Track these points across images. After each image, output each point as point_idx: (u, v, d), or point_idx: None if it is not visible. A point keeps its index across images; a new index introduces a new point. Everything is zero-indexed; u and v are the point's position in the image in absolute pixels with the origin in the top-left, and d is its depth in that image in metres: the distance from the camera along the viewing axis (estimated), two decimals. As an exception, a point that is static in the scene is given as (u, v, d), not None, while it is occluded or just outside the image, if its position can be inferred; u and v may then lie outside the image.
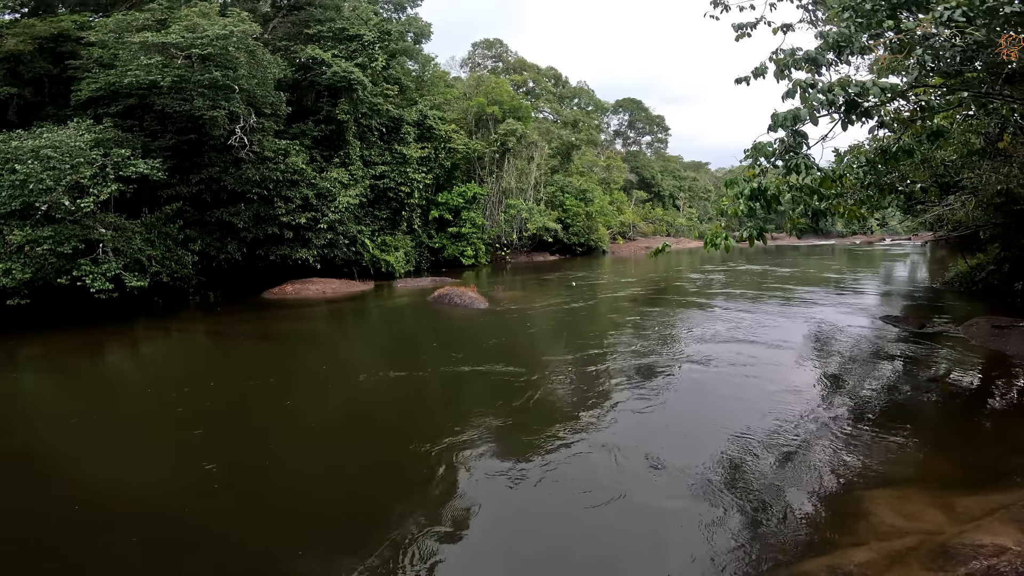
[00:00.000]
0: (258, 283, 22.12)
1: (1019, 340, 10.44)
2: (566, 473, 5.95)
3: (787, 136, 5.67)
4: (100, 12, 21.92)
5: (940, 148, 11.98)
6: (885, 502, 4.95)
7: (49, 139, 14.89)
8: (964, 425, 7.18)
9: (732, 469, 5.92)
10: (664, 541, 4.84)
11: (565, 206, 45.47)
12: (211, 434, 7.50)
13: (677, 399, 8.42)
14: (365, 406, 8.85)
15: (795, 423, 7.09)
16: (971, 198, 14.45)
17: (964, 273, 18.99)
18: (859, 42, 5.71)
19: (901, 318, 13.82)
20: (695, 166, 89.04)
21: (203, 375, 10.99)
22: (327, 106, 24.40)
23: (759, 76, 6.21)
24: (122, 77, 17.38)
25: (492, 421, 7.44)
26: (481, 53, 57.32)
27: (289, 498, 5.70)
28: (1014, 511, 4.49)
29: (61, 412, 8.78)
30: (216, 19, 18.45)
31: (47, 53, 19.32)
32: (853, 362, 10.40)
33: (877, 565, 4.06)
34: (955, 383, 8.95)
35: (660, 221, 69.25)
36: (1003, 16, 5.32)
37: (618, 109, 78.53)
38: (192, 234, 19.76)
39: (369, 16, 26.77)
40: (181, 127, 19.31)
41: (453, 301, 17.82)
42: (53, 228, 14.51)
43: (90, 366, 12.06)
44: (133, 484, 5.96)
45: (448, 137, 31.27)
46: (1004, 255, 16.34)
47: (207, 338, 15.35)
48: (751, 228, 5.99)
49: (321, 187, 22.92)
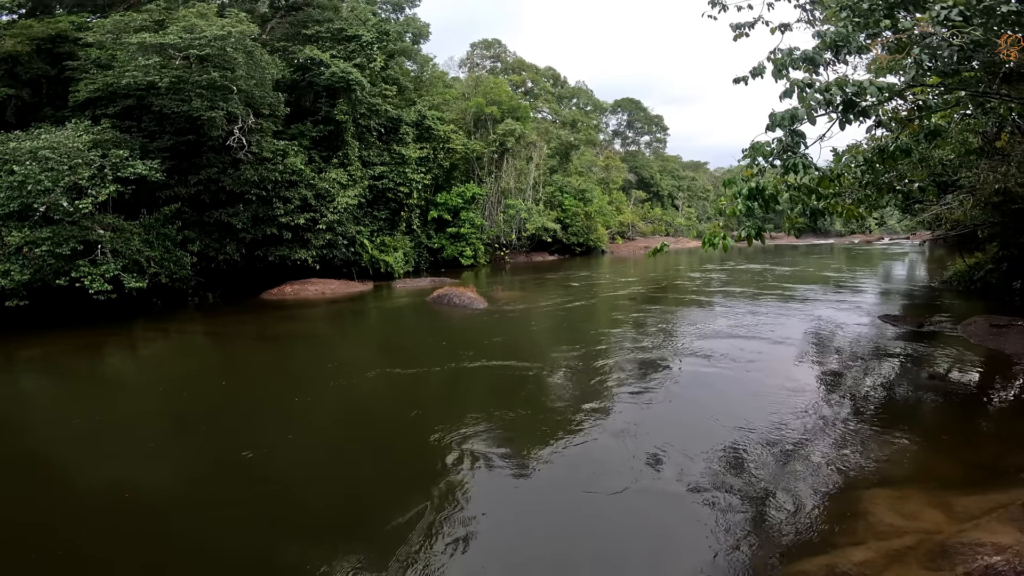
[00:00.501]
0: (257, 284, 22.10)
1: (1017, 339, 10.45)
2: (568, 469, 6.02)
3: (785, 136, 5.68)
4: (98, 13, 21.88)
5: (938, 147, 12.00)
6: (884, 501, 4.96)
7: (47, 140, 14.86)
8: (962, 424, 7.19)
9: (731, 467, 5.93)
10: (664, 538, 4.85)
11: (564, 206, 45.47)
12: (212, 434, 7.50)
13: (677, 397, 8.42)
14: (365, 405, 8.85)
15: (794, 421, 7.10)
16: (969, 197, 14.45)
17: (962, 272, 19.01)
18: (857, 42, 5.72)
19: (900, 317, 13.84)
20: (694, 166, 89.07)
21: (203, 376, 10.99)
22: (325, 107, 24.38)
23: (757, 76, 6.22)
24: (120, 78, 17.34)
25: (493, 419, 7.44)
26: (479, 53, 57.32)
27: (292, 496, 5.70)
28: (1012, 510, 4.49)
29: (62, 413, 8.76)
30: (214, 20, 18.44)
31: (45, 54, 19.28)
32: (852, 360, 10.40)
33: (876, 564, 4.07)
34: (953, 382, 8.95)
35: (659, 221, 69.27)
36: (1000, 15, 5.32)
37: (617, 109, 78.56)
38: (191, 235, 19.74)
39: (367, 16, 26.75)
40: (179, 128, 19.29)
41: (452, 301, 17.82)
42: (51, 229, 14.49)
43: (90, 367, 12.03)
44: (135, 484, 5.95)
45: (447, 137, 31.27)
46: (1002, 254, 16.35)
47: (206, 339, 15.34)
48: (749, 228, 5.99)
49: (320, 188, 22.90)
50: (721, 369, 9.85)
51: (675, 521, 5.11)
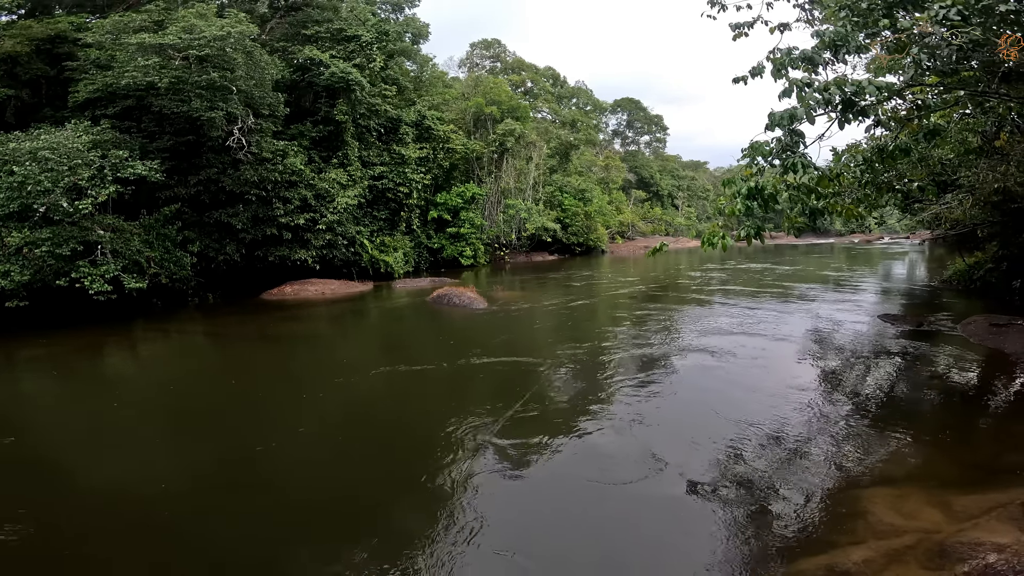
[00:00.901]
0: (257, 284, 22.09)
1: (1017, 338, 10.45)
2: (570, 464, 6.08)
3: (784, 135, 5.69)
4: (97, 13, 21.89)
5: (937, 147, 12.02)
6: (883, 500, 4.96)
7: (47, 141, 14.85)
8: (962, 423, 7.19)
9: (731, 465, 5.94)
10: (664, 537, 4.85)
11: (564, 206, 45.47)
12: (214, 434, 7.51)
13: (679, 395, 8.44)
14: (367, 404, 8.85)
15: (794, 419, 7.11)
16: (968, 196, 14.45)
17: (962, 271, 19.02)
18: (856, 41, 5.73)
19: (899, 316, 13.85)
20: (694, 165, 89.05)
21: (204, 376, 10.99)
22: (325, 107, 24.38)
23: (756, 75, 6.23)
24: (119, 78, 17.34)
25: (495, 417, 7.43)
26: (479, 53, 57.32)
27: (293, 496, 5.70)
28: (1011, 509, 4.50)
29: (64, 413, 8.78)
30: (213, 20, 18.44)
31: (44, 55, 19.29)
32: (852, 359, 10.41)
33: (875, 564, 4.07)
34: (953, 381, 8.96)
35: (659, 220, 69.27)
36: (999, 15, 5.33)
37: (616, 109, 78.54)
38: (191, 235, 19.74)
39: (367, 17, 26.74)
40: (179, 128, 19.28)
41: (452, 301, 17.82)
42: (51, 230, 14.49)
43: (91, 368, 12.03)
44: (137, 484, 5.94)
45: (446, 137, 31.26)
46: (1002, 253, 16.35)
47: (207, 339, 15.34)
48: (749, 227, 6.00)
49: (319, 188, 22.90)
50: (722, 366, 9.86)
51: (676, 518, 5.11)
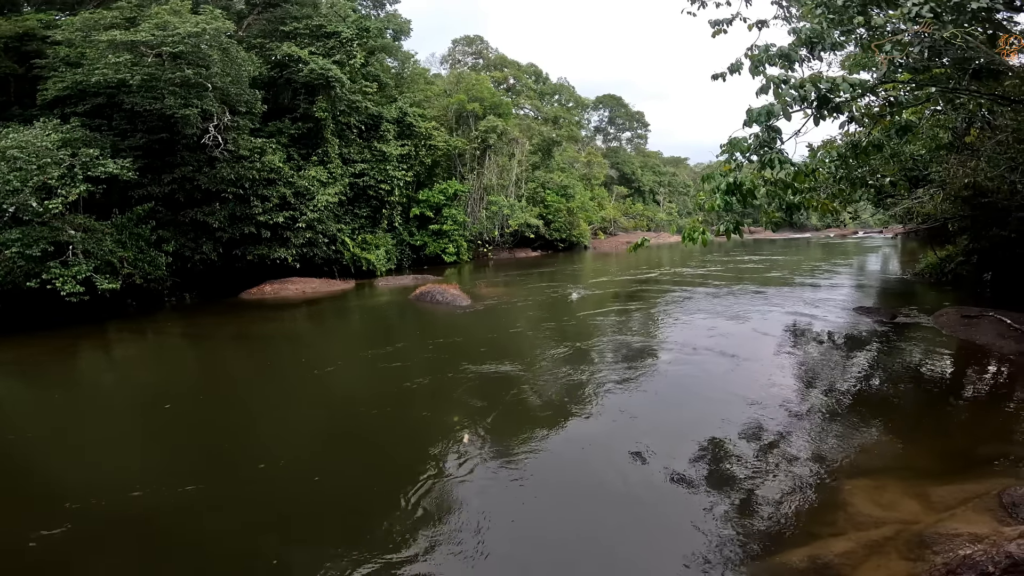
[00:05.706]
0: (236, 284, 21.73)
1: (988, 329, 10.71)
2: (554, 462, 6.08)
3: (762, 131, 5.73)
4: (67, 11, 21.26)
5: (909, 143, 12.24)
6: (862, 492, 5.04)
7: (15, 139, 14.44)
8: (937, 414, 7.34)
9: (712, 462, 5.99)
10: (646, 533, 4.87)
11: (547, 202, 45.47)
12: (189, 438, 7.36)
13: (660, 392, 8.49)
14: (349, 405, 8.75)
15: (774, 414, 7.20)
16: (939, 191, 14.78)
17: (934, 264, 19.43)
18: (831, 38, 5.80)
19: (874, 309, 14.10)
20: (674, 161, 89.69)
21: (180, 377, 10.77)
22: (304, 104, 24.02)
23: (735, 72, 6.27)
24: (89, 76, 16.92)
25: (479, 416, 7.40)
26: (461, 50, 56.92)
27: (278, 501, 5.60)
28: (988, 500, 4.60)
29: (33, 417, 8.53)
30: (188, 16, 18.02)
31: (12, 52, 18.72)
32: (829, 352, 10.58)
33: (856, 555, 4.13)
34: (928, 373, 9.15)
35: (641, 216, 69.66)
36: (970, 12, 5.42)
37: (598, 105, 78.68)
38: (165, 235, 19.32)
39: (347, 13, 26.37)
40: (152, 126, 18.85)
41: (435, 299, 17.72)
42: (21, 230, 14.10)
43: (63, 371, 11.72)
44: (117, 488, 5.79)
45: (428, 134, 31.03)
46: (972, 247, 16.74)
47: (183, 340, 15.04)
48: (728, 222, 6.05)
49: (299, 185, 22.59)
50: (701, 360, 9.97)
51: (661, 514, 5.14)
